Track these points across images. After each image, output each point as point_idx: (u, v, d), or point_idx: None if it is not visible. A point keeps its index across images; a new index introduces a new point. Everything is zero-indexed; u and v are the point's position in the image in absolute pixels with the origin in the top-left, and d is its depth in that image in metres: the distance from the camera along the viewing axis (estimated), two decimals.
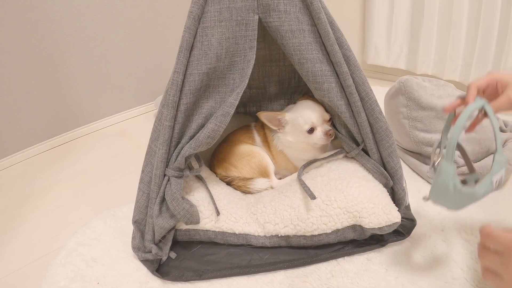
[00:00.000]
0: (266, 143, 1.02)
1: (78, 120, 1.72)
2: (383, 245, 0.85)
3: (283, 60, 1.11)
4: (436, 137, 1.06)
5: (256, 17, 0.78)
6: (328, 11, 0.79)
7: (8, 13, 1.36)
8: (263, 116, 0.94)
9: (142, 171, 0.86)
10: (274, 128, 0.97)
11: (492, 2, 1.42)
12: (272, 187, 0.96)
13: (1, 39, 1.37)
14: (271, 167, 0.98)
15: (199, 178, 0.95)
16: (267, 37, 1.01)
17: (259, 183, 0.94)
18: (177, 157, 0.81)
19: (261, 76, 1.14)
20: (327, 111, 0.93)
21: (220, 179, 1.00)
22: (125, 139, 1.67)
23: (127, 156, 1.49)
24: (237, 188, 0.96)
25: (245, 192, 0.95)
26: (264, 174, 0.97)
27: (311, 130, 0.92)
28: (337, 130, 0.91)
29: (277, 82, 1.16)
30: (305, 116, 0.92)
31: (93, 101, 1.75)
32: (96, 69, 1.70)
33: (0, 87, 1.42)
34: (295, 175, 0.94)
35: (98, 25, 1.64)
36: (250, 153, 0.98)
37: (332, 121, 0.93)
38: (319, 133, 0.91)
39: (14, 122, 1.50)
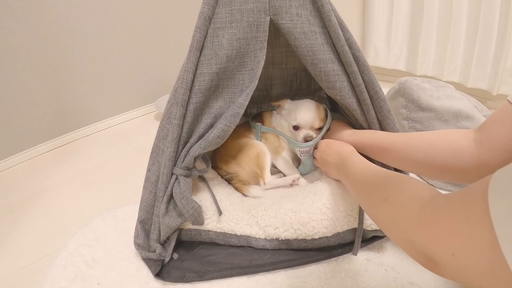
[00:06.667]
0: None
1: (78, 122, 1.72)
2: (382, 237, 0.85)
3: (286, 62, 1.11)
4: None
5: (268, 18, 0.78)
6: (338, 14, 0.80)
7: (9, 14, 1.36)
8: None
9: (149, 170, 0.86)
10: (276, 105, 1.04)
11: (491, 4, 1.43)
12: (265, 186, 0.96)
13: (2, 40, 1.37)
14: (268, 162, 0.98)
15: (202, 178, 0.95)
16: (270, 39, 1.01)
17: (254, 190, 0.94)
18: (185, 157, 0.81)
19: (264, 78, 1.15)
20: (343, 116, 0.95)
21: (222, 175, 1.00)
22: (125, 140, 1.67)
23: (127, 158, 1.49)
24: (236, 188, 0.97)
25: (243, 194, 0.96)
26: (260, 166, 0.97)
27: (296, 127, 0.97)
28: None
29: (280, 84, 1.16)
30: (297, 113, 0.96)
31: (93, 103, 1.75)
32: (97, 70, 1.71)
33: (1, 88, 1.42)
34: (288, 177, 0.96)
35: (99, 27, 1.65)
36: (250, 145, 1.00)
37: (321, 130, 0.96)
38: (301, 134, 0.96)
39: (14, 123, 1.50)
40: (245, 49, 0.80)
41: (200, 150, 0.80)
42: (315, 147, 0.96)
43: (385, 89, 1.26)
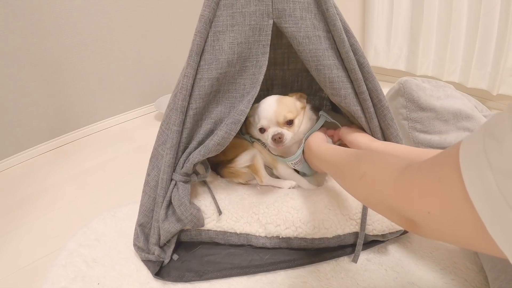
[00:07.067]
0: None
1: (78, 122, 1.72)
2: (382, 242, 0.85)
3: (287, 63, 1.11)
4: (435, 138, 1.06)
5: (271, 21, 0.76)
6: (343, 18, 0.77)
7: (9, 14, 1.36)
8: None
9: (148, 175, 0.86)
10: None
11: (491, 4, 1.43)
12: (261, 182, 0.92)
13: (2, 40, 1.37)
14: (261, 163, 0.93)
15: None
16: (272, 40, 1.01)
17: (241, 158, 0.88)
18: (184, 163, 0.80)
19: (265, 79, 1.14)
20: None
21: (212, 160, 0.96)
22: (125, 140, 1.67)
23: (127, 158, 1.49)
24: (225, 169, 0.91)
25: (234, 175, 0.91)
26: (255, 169, 0.92)
27: (262, 130, 0.87)
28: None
29: (281, 85, 1.16)
30: (259, 114, 0.86)
31: (93, 103, 1.75)
32: (97, 70, 1.71)
33: (1, 88, 1.42)
34: (285, 183, 0.94)
35: (99, 27, 1.65)
36: (239, 143, 0.95)
37: (293, 122, 0.86)
38: (269, 135, 0.85)
39: (14, 123, 1.50)
40: (247, 54, 0.78)
41: (200, 157, 0.79)
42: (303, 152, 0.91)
43: (385, 89, 1.26)
